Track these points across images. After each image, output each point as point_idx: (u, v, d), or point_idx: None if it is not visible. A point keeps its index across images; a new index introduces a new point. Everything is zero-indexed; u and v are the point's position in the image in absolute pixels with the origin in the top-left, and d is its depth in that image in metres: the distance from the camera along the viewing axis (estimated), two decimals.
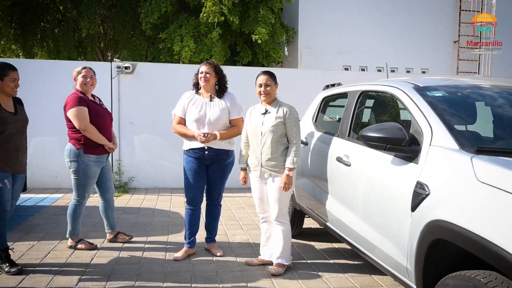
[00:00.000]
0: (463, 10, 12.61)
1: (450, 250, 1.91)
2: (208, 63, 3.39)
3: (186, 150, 3.41)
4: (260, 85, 3.08)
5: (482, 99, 2.51)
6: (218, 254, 3.48)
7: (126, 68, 6.28)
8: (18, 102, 3.15)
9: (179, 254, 3.42)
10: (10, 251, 3.12)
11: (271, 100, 3.13)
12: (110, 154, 3.72)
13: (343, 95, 3.35)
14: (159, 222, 4.57)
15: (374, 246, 2.47)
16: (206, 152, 3.33)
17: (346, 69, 12.31)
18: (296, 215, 3.93)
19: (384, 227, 2.35)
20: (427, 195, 1.97)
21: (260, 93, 3.09)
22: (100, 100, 3.70)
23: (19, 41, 13.35)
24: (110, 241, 3.76)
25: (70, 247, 3.55)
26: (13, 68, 3.03)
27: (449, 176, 1.89)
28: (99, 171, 3.54)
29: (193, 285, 2.92)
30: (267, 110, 3.11)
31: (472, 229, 1.62)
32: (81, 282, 2.90)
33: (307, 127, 3.74)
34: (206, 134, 3.21)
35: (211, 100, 3.36)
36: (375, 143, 2.24)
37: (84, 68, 3.54)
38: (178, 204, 5.51)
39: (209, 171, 3.43)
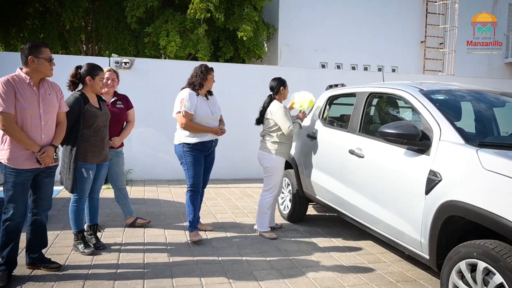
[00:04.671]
0: (429, 12, 13.53)
1: (457, 225, 2.39)
2: (213, 68, 3.81)
3: (194, 144, 3.67)
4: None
5: (475, 102, 3.02)
6: (208, 229, 4.06)
7: (125, 63, 6.39)
8: (100, 99, 3.43)
9: (198, 237, 3.72)
10: (98, 232, 3.62)
11: None
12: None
13: (351, 95, 3.78)
14: (169, 212, 4.83)
15: (386, 225, 2.93)
16: (213, 143, 3.81)
17: (323, 65, 12.87)
18: (302, 202, 4.34)
19: (397, 208, 2.80)
20: (439, 181, 2.43)
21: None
22: None
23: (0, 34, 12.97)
24: (130, 225, 4.07)
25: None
26: (101, 69, 3.34)
27: (458, 165, 2.36)
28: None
29: (220, 258, 3.31)
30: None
31: (483, 206, 2.09)
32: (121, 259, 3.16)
33: (314, 123, 4.14)
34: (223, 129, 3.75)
35: (207, 99, 3.81)
36: (393, 138, 2.67)
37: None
38: (179, 194, 5.76)
39: (207, 160, 3.85)
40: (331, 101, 4.18)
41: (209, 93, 3.88)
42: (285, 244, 3.77)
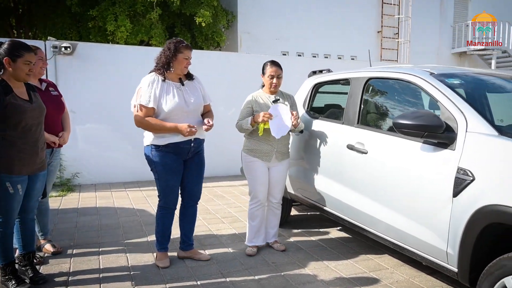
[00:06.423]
0: (385, 3, 13.64)
1: (493, 234, 2.00)
2: (190, 46, 2.99)
3: (164, 146, 2.90)
4: (272, 77, 3.14)
5: (495, 86, 2.67)
6: (205, 258, 3.16)
7: (65, 48, 5.45)
8: (30, 89, 2.62)
9: (165, 262, 3.03)
10: (36, 261, 2.89)
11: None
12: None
13: (342, 81, 3.31)
14: (128, 223, 4.11)
15: (398, 231, 2.51)
16: (192, 144, 2.97)
17: (284, 54, 12.53)
18: (286, 204, 3.85)
19: (414, 213, 2.38)
20: (471, 180, 2.03)
21: (271, 84, 3.15)
22: None
23: None
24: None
25: None
26: (28, 49, 2.49)
27: (497, 162, 1.97)
28: None
29: (199, 283, 2.72)
30: (278, 99, 3.16)
31: None
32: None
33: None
34: (195, 127, 2.83)
35: (183, 85, 2.97)
36: (412, 130, 2.24)
37: None
38: (138, 200, 5.04)
39: (190, 165, 3.04)
40: (317, 89, 3.70)
41: (188, 76, 3.03)
42: (272, 256, 3.25)
